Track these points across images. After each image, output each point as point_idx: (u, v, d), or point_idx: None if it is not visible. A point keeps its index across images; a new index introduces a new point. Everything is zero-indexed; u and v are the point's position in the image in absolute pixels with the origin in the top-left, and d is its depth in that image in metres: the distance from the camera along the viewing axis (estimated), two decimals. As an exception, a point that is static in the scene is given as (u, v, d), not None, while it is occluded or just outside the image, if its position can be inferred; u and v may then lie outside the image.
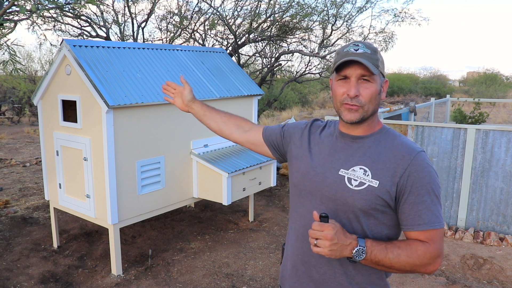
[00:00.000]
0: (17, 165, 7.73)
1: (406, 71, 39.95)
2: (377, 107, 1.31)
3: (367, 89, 1.26)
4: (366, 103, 1.27)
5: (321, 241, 1.19)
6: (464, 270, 3.89)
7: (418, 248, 1.22)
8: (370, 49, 1.26)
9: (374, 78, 1.26)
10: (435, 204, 1.23)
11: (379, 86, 1.29)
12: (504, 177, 4.57)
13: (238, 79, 4.64)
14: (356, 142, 1.33)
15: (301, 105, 17.97)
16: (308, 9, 6.95)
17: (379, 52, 1.30)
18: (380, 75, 1.29)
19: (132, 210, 3.56)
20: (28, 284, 3.45)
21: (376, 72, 1.25)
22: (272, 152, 1.60)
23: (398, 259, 1.21)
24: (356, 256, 1.20)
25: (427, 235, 1.23)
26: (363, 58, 1.24)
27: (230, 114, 1.67)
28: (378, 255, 1.21)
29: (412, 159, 1.24)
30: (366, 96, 1.26)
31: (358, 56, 1.25)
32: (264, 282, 3.55)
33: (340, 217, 1.30)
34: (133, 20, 7.19)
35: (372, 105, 1.28)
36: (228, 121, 1.65)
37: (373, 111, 1.30)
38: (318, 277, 1.35)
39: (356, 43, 1.29)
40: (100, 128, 3.29)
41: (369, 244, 1.22)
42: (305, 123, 1.52)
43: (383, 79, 1.31)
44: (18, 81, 6.88)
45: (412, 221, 1.23)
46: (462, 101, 10.40)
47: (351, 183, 1.28)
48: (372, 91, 1.26)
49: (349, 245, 1.20)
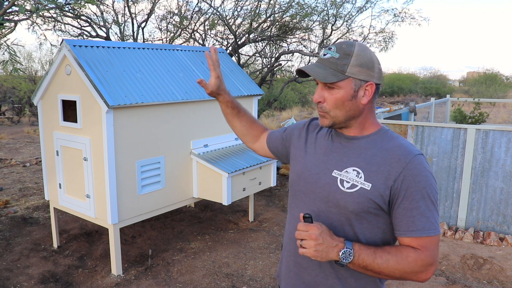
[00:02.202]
0: (17, 165, 7.73)
1: (406, 71, 39.96)
2: (352, 112, 1.26)
3: (331, 96, 1.24)
4: (330, 109, 1.25)
5: (306, 241, 1.17)
6: (464, 270, 3.89)
7: (408, 255, 1.17)
8: (341, 53, 1.22)
9: (337, 84, 1.22)
10: (430, 210, 1.18)
11: (350, 91, 1.23)
12: (504, 177, 4.57)
13: (238, 79, 4.64)
14: (351, 143, 1.30)
15: (301, 105, 17.97)
16: (308, 9, 6.95)
17: (355, 55, 1.22)
18: (351, 79, 1.22)
19: (132, 210, 3.56)
20: (28, 284, 3.45)
21: (334, 80, 1.21)
22: (276, 158, 1.62)
23: (387, 265, 1.17)
24: (343, 258, 1.17)
25: (420, 242, 1.18)
26: (323, 64, 1.23)
27: (251, 123, 1.65)
28: (366, 260, 1.17)
29: (407, 162, 1.19)
30: (330, 103, 1.25)
31: (321, 62, 1.25)
32: (264, 282, 3.55)
33: (332, 219, 1.27)
34: (133, 20, 7.19)
35: (339, 111, 1.25)
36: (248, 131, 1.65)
37: (345, 117, 1.26)
38: (309, 280, 1.33)
39: (330, 46, 1.26)
40: (100, 128, 3.30)
41: (357, 247, 1.18)
42: (304, 122, 1.51)
43: (362, 83, 1.23)
44: (19, 81, 6.88)
45: (405, 227, 1.19)
46: (462, 101, 10.39)
47: (343, 185, 1.25)
48: (337, 98, 1.23)
49: (336, 247, 1.17)
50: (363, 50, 1.24)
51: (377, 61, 1.26)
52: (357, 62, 1.22)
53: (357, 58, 1.22)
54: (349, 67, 1.21)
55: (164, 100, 3.59)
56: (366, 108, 1.28)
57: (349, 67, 1.21)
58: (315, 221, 1.24)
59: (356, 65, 1.22)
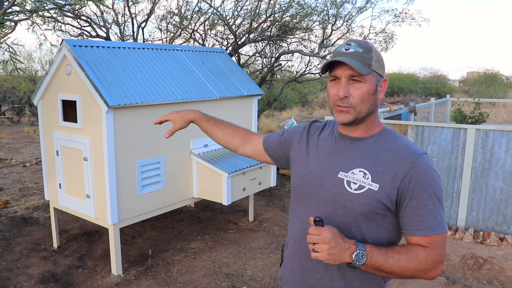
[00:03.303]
0: (17, 165, 7.73)
1: (406, 71, 39.93)
2: (373, 107, 1.27)
3: (358, 90, 1.22)
4: (357, 104, 1.23)
5: (319, 245, 1.15)
6: (464, 270, 3.89)
7: (419, 254, 1.18)
8: (363, 48, 1.22)
9: (365, 78, 1.22)
10: (437, 208, 1.20)
11: (374, 85, 1.24)
12: (504, 177, 4.57)
13: (238, 79, 4.64)
14: (355, 144, 1.30)
15: (301, 105, 17.96)
16: (308, 9, 6.95)
17: (374, 50, 1.25)
18: (374, 74, 1.24)
19: (132, 210, 3.56)
20: (28, 284, 3.45)
21: (366, 72, 1.20)
22: (274, 161, 1.60)
23: (399, 264, 1.17)
24: (356, 260, 1.16)
25: (429, 240, 1.19)
26: (352, 57, 1.21)
27: (234, 128, 1.63)
28: (378, 260, 1.17)
29: (414, 162, 1.20)
30: (356, 97, 1.23)
31: (347, 55, 1.21)
32: (264, 282, 3.55)
33: (338, 221, 1.26)
34: (133, 20, 7.18)
35: (365, 105, 1.24)
36: (233, 138, 1.62)
37: (367, 112, 1.25)
38: (314, 283, 1.33)
39: (349, 42, 1.25)
40: (100, 128, 3.30)
41: (369, 248, 1.18)
42: (304, 125, 1.50)
43: (380, 78, 1.26)
44: (19, 81, 6.88)
45: (413, 226, 1.20)
46: (462, 101, 10.39)
47: (350, 187, 1.24)
48: (364, 92, 1.22)
49: (348, 249, 1.16)
50: (375, 47, 1.28)
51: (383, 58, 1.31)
52: (376, 57, 1.25)
53: (375, 53, 1.25)
54: (373, 61, 1.23)
55: (164, 100, 3.59)
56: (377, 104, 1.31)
57: (373, 61, 1.23)
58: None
59: (376, 60, 1.24)
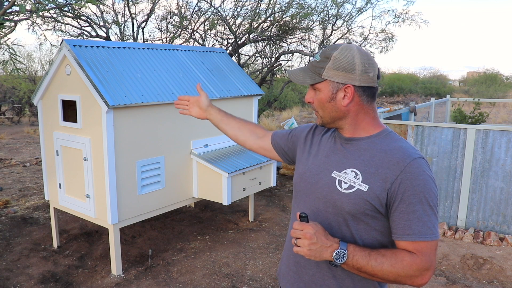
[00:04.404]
0: (17, 165, 7.73)
1: (406, 71, 39.92)
2: (335, 113, 1.29)
3: (315, 97, 1.31)
4: (317, 109, 1.33)
5: (301, 240, 1.18)
6: (464, 270, 3.89)
7: (404, 259, 1.16)
8: (323, 56, 1.27)
9: (317, 86, 1.29)
10: (428, 214, 1.17)
11: (329, 93, 1.27)
12: (504, 177, 4.57)
13: (238, 79, 4.64)
14: (351, 144, 1.31)
15: (301, 105, 17.97)
16: (308, 9, 6.95)
17: (334, 58, 1.24)
18: (328, 82, 1.25)
19: (132, 210, 3.56)
20: (28, 284, 3.45)
21: (310, 82, 1.28)
22: (281, 158, 1.64)
23: (381, 268, 1.16)
24: (336, 259, 1.17)
25: (416, 246, 1.17)
26: (302, 69, 1.32)
27: (245, 121, 1.72)
28: (360, 261, 1.17)
29: (405, 165, 1.18)
30: (315, 103, 1.32)
31: (299, 68, 1.33)
32: (264, 282, 3.55)
33: (330, 219, 1.28)
34: (133, 20, 7.18)
35: (325, 112, 1.31)
36: (244, 128, 1.69)
37: (331, 117, 1.31)
38: (307, 279, 1.35)
39: (319, 51, 1.32)
40: (100, 128, 3.30)
41: (352, 248, 1.18)
42: (311, 125, 1.54)
43: (340, 85, 1.25)
44: (19, 81, 6.88)
45: (401, 230, 1.18)
46: (462, 101, 10.39)
47: (341, 186, 1.26)
48: (319, 99, 1.30)
49: (330, 247, 1.17)
50: (344, 53, 1.23)
51: (361, 63, 1.23)
52: (333, 65, 1.25)
53: (334, 61, 1.24)
54: (325, 70, 1.26)
55: (164, 100, 3.59)
56: (352, 109, 1.28)
57: (325, 70, 1.26)
58: (313, 221, 1.26)
59: (332, 68, 1.25)
